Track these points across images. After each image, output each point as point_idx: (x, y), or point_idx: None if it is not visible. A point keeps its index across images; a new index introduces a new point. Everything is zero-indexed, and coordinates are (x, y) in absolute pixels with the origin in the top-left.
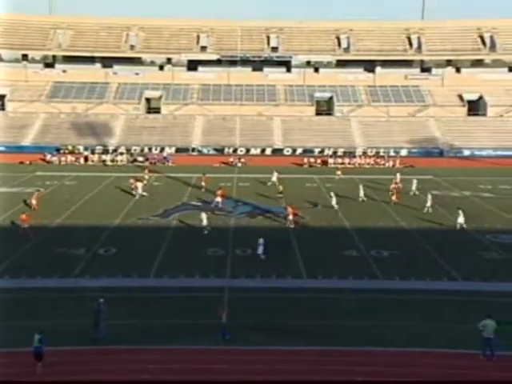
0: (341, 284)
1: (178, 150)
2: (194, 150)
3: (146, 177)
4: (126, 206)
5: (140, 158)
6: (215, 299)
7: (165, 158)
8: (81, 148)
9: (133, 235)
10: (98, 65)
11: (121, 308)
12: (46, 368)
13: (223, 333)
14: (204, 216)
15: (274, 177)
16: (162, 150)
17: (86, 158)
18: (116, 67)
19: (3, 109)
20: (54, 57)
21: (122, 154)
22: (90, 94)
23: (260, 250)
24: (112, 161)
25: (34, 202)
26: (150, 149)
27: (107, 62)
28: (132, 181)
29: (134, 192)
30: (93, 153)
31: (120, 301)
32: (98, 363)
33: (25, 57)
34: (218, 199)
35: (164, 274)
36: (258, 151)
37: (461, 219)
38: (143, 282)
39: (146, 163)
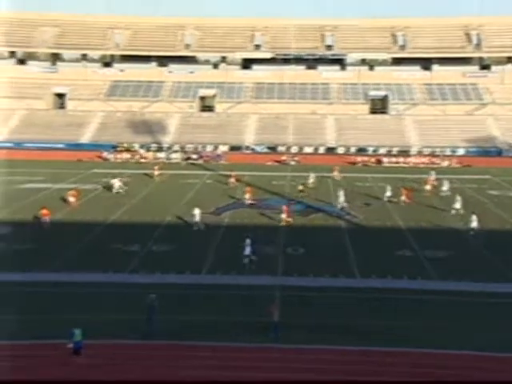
0: (395, 284)
1: (231, 148)
2: (247, 148)
3: (156, 173)
4: (179, 204)
5: (193, 156)
6: (267, 297)
7: (218, 156)
8: (136, 146)
9: (185, 232)
10: (154, 64)
11: (173, 304)
12: (95, 361)
13: (275, 331)
14: (197, 212)
15: (312, 178)
16: (216, 148)
17: (142, 156)
18: (171, 66)
19: (63, 107)
20: (111, 56)
21: (175, 151)
22: (146, 92)
23: (248, 250)
24: (168, 159)
25: (71, 199)
26: (203, 147)
27: (163, 60)
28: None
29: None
30: (148, 150)
31: (172, 297)
32: (149, 358)
33: (84, 56)
34: (247, 198)
35: (216, 271)
36: (312, 150)
37: (474, 224)
38: (196, 278)
39: (200, 161)
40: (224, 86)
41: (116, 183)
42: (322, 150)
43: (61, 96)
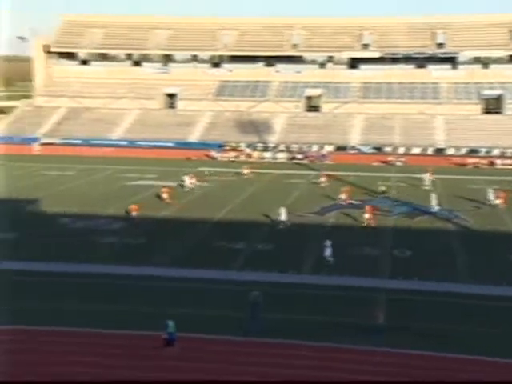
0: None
1: (336, 149)
2: (352, 148)
3: (246, 172)
4: (285, 203)
5: (299, 156)
6: (371, 299)
7: (323, 156)
8: (243, 145)
9: (292, 232)
10: (261, 64)
11: (276, 302)
12: (187, 353)
13: (379, 334)
14: (283, 211)
15: (427, 179)
16: (321, 148)
17: (248, 155)
18: (278, 66)
19: (174, 107)
20: (220, 57)
21: (281, 151)
22: (253, 92)
23: (328, 252)
24: (273, 158)
25: (165, 196)
26: (308, 147)
27: (270, 60)
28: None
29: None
30: (254, 150)
31: (276, 295)
32: (250, 355)
33: (194, 57)
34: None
35: (320, 271)
36: (419, 151)
37: None
38: (298, 278)
39: (305, 161)
40: (330, 86)
41: (187, 180)
42: (430, 151)
43: (172, 96)
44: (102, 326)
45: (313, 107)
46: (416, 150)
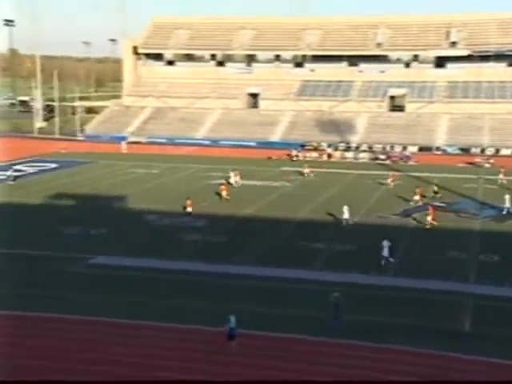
0: None
1: (420, 149)
2: (437, 149)
3: (306, 170)
4: (367, 203)
5: (381, 156)
6: (455, 304)
7: (406, 156)
8: (324, 145)
9: (372, 233)
10: (345, 63)
11: (357, 303)
12: (276, 353)
13: (464, 340)
14: (346, 209)
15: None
16: (405, 148)
17: (329, 155)
18: (362, 65)
19: (256, 106)
20: (303, 56)
21: (363, 151)
22: (336, 92)
23: (385, 252)
24: (355, 158)
25: (224, 193)
26: (391, 147)
27: (353, 60)
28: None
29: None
30: (335, 150)
31: (355, 297)
32: (329, 355)
33: (277, 57)
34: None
35: (403, 274)
36: (510, 152)
37: None
38: (381, 280)
39: (388, 161)
40: (415, 86)
41: (232, 177)
42: None
43: (254, 96)
44: (180, 321)
45: (396, 107)
46: (506, 152)
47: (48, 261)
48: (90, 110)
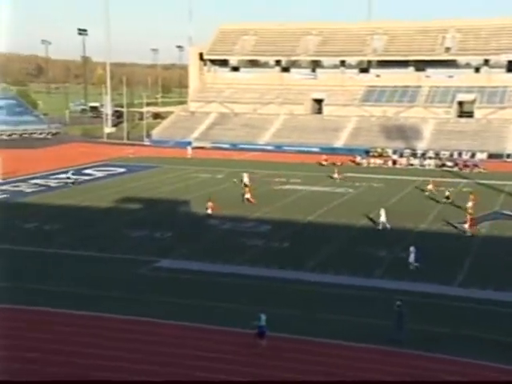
0: None
1: (489, 156)
2: (508, 156)
3: (336, 175)
4: (433, 211)
5: (449, 163)
6: None
7: (475, 164)
8: (389, 151)
9: (437, 240)
10: (411, 68)
11: (418, 313)
12: (334, 361)
13: None
14: (383, 212)
15: None
16: (473, 155)
17: (394, 162)
18: (429, 70)
19: (320, 112)
20: (368, 62)
21: (430, 158)
22: (401, 97)
23: (412, 257)
24: (421, 165)
25: (247, 195)
26: (459, 154)
27: (420, 65)
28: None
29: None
30: (401, 156)
31: (417, 305)
32: (390, 364)
33: (342, 63)
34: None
35: (471, 283)
36: None
37: None
38: (445, 289)
39: (455, 168)
40: (485, 91)
41: (245, 177)
42: None
43: (318, 101)
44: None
45: (465, 113)
46: None
47: (113, 263)
48: (157, 116)
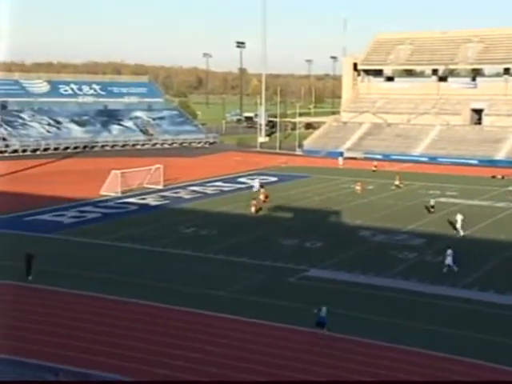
0: None
1: None
2: None
3: (396, 182)
4: None
5: None
6: None
7: None
8: None
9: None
10: None
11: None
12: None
13: None
14: (459, 218)
15: None
16: None
17: None
18: None
19: (479, 123)
20: None
21: None
22: None
23: (449, 260)
24: None
25: (261, 196)
26: None
27: None
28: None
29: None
30: None
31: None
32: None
33: (506, 70)
34: None
35: None
36: None
37: None
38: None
39: None
40: None
41: (255, 183)
42: None
43: (478, 111)
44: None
45: None
46: None
47: (264, 270)
48: (309, 126)
